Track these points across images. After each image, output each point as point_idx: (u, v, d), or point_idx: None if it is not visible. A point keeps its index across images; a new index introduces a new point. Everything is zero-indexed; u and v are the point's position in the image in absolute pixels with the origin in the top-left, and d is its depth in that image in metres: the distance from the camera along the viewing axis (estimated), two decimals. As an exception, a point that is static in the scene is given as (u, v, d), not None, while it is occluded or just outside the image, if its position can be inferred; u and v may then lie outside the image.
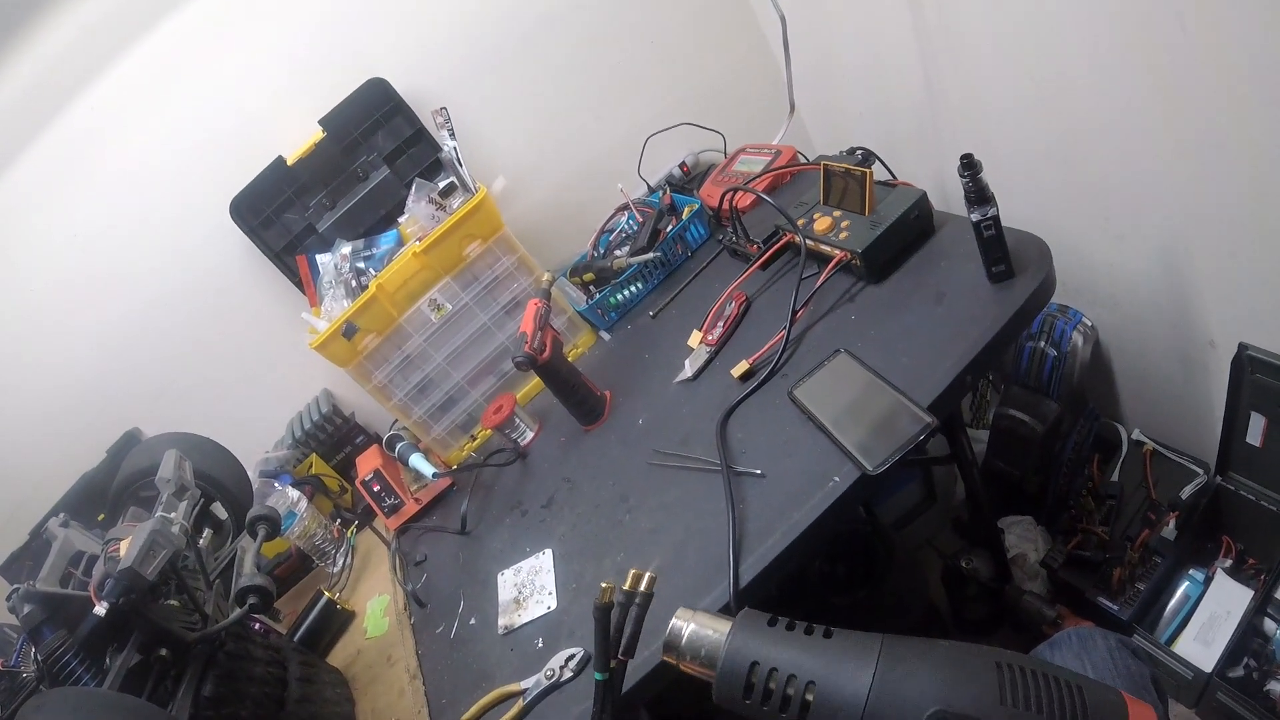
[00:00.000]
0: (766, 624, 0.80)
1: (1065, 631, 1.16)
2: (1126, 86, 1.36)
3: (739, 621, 0.82)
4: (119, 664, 1.23)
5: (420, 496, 1.90)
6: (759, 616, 0.82)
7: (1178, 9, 1.17)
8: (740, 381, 1.51)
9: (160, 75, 1.93)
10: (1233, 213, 1.35)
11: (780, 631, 0.79)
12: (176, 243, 2.05)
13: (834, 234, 1.52)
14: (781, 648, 0.77)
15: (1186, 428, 1.83)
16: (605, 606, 0.96)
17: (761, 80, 2.42)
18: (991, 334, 1.24)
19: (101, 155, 1.95)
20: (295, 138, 2.02)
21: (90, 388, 2.12)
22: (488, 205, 1.83)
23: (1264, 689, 1.53)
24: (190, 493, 1.46)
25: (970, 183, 1.22)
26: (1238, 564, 1.69)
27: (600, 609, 0.96)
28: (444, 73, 2.12)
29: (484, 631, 1.47)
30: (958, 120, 1.84)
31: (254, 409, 2.24)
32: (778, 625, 0.79)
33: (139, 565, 1.19)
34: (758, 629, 0.80)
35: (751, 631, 0.80)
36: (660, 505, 1.42)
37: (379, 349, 1.86)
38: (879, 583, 1.77)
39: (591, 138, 2.34)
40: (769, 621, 0.80)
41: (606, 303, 2.03)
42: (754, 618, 0.82)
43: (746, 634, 0.80)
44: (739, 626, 0.82)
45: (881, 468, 1.15)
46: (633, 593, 0.95)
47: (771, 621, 0.80)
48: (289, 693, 1.42)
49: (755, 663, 0.77)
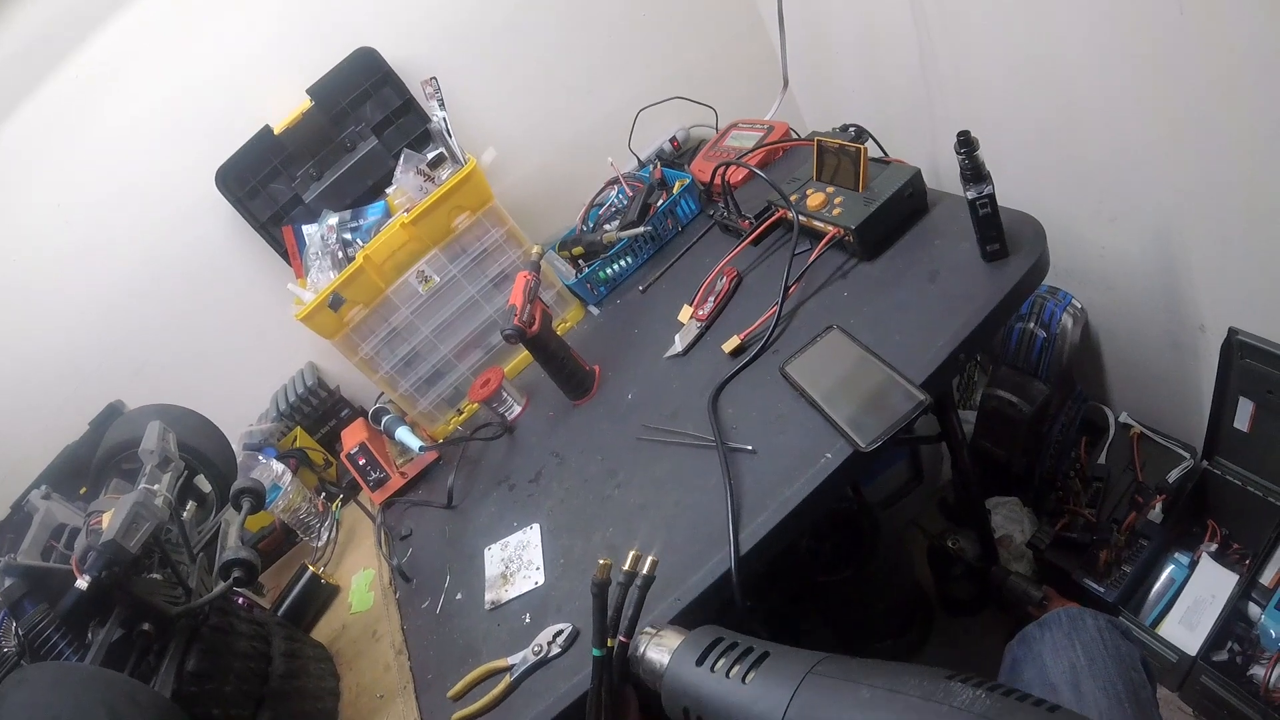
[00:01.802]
0: (696, 661, 0.83)
1: (1055, 611, 1.16)
2: (1122, 67, 1.36)
3: (676, 653, 0.87)
4: (101, 638, 1.21)
5: (406, 470, 1.89)
6: (693, 648, 0.85)
7: (1174, -13, 1.16)
8: (731, 357, 1.50)
9: (146, 43, 1.90)
10: (1225, 198, 1.35)
11: (705, 671, 0.81)
12: (161, 213, 2.02)
13: (827, 210, 1.51)
14: (709, 688, 0.80)
15: (1174, 412, 1.84)
16: (603, 583, 0.96)
17: (754, 55, 2.40)
18: (985, 312, 1.24)
19: (86, 124, 1.92)
20: (283, 107, 1.99)
21: (72, 359, 2.09)
22: (477, 177, 1.81)
23: (1247, 673, 1.54)
24: (174, 465, 1.45)
25: (966, 160, 1.21)
26: (1223, 548, 1.70)
27: (598, 585, 0.95)
28: (434, 43, 2.09)
29: (470, 607, 1.46)
30: (951, 98, 1.83)
31: (238, 382, 2.22)
32: (706, 662, 0.82)
33: (122, 538, 1.17)
34: (686, 665, 0.84)
35: (681, 667, 0.84)
36: (650, 480, 1.41)
37: (365, 321, 1.84)
38: (865, 561, 1.77)
39: (582, 110, 2.32)
40: (699, 658, 0.83)
41: (596, 277, 2.02)
42: (690, 648, 0.85)
43: (678, 669, 0.85)
44: (675, 658, 0.86)
45: (874, 445, 1.14)
46: (633, 573, 0.94)
47: (701, 658, 0.83)
48: (273, 668, 1.41)
49: (685, 708, 0.82)
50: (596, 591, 0.95)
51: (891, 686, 0.68)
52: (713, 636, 0.84)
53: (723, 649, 0.82)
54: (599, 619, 0.95)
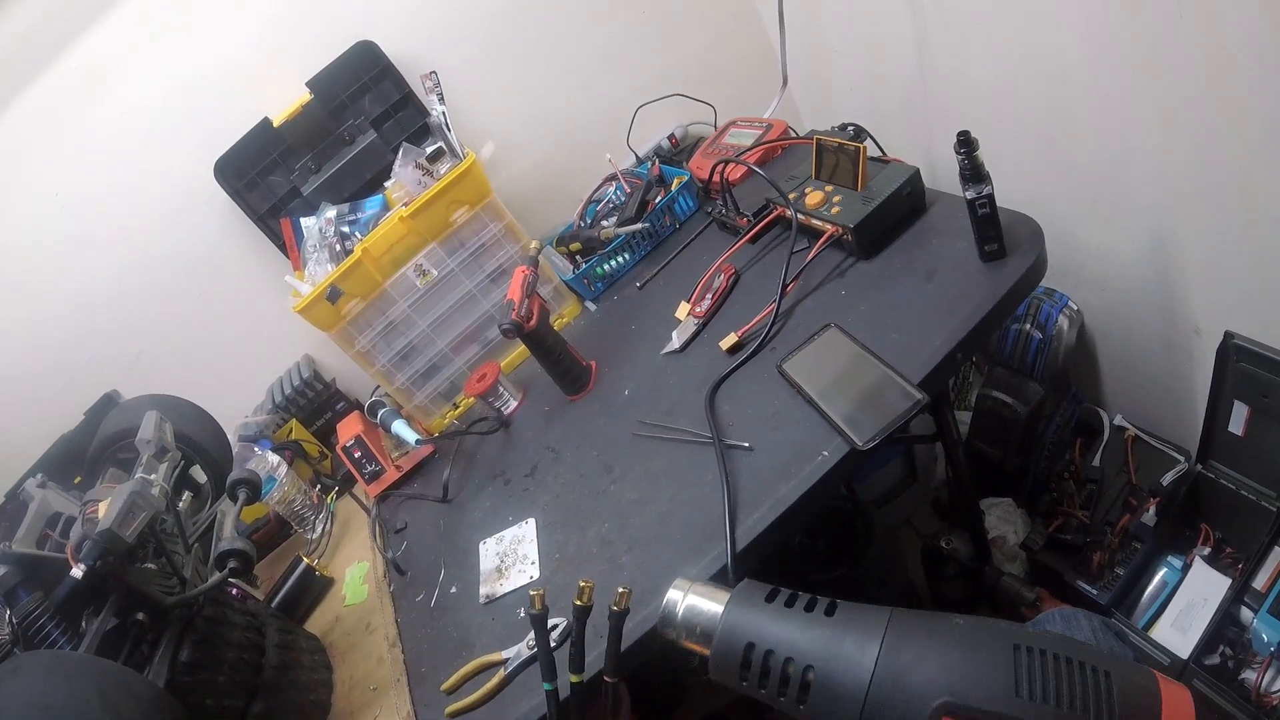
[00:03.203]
0: (765, 599, 0.77)
1: (1050, 612, 1.17)
2: (1119, 67, 1.35)
3: (736, 595, 0.80)
4: (95, 627, 1.21)
5: (401, 464, 1.89)
6: (758, 589, 0.79)
7: (1174, -11, 1.16)
8: (728, 354, 1.51)
9: (146, 34, 1.90)
10: (1222, 200, 1.34)
11: (779, 608, 0.76)
12: (159, 203, 2.02)
13: (826, 209, 1.51)
14: (780, 626, 0.74)
15: (1169, 414, 1.84)
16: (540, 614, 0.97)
17: (753, 53, 2.41)
18: (983, 312, 1.24)
19: (85, 115, 1.92)
20: (282, 99, 1.99)
21: (68, 349, 2.09)
22: (476, 171, 1.81)
23: (1239, 677, 1.54)
24: (171, 455, 1.44)
25: (966, 160, 1.21)
26: (1216, 552, 1.70)
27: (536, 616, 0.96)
28: (434, 37, 2.09)
29: (465, 600, 1.46)
30: (948, 98, 1.83)
31: (234, 373, 2.22)
32: (777, 600, 0.77)
33: (118, 527, 1.17)
34: (755, 604, 0.77)
35: (748, 607, 0.78)
36: (645, 475, 1.41)
37: (363, 314, 1.84)
38: (858, 560, 1.77)
39: (581, 106, 2.32)
40: (768, 596, 0.78)
41: (593, 273, 2.02)
42: (752, 591, 0.79)
43: (743, 610, 0.78)
44: (735, 600, 0.79)
45: (871, 443, 1.14)
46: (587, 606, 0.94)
47: (770, 596, 0.77)
48: (267, 659, 1.41)
49: (751, 644, 0.74)
50: (537, 626, 0.95)
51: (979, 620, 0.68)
52: (769, 586, 0.80)
53: (788, 594, 0.78)
54: (543, 650, 0.95)
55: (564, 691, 1.13)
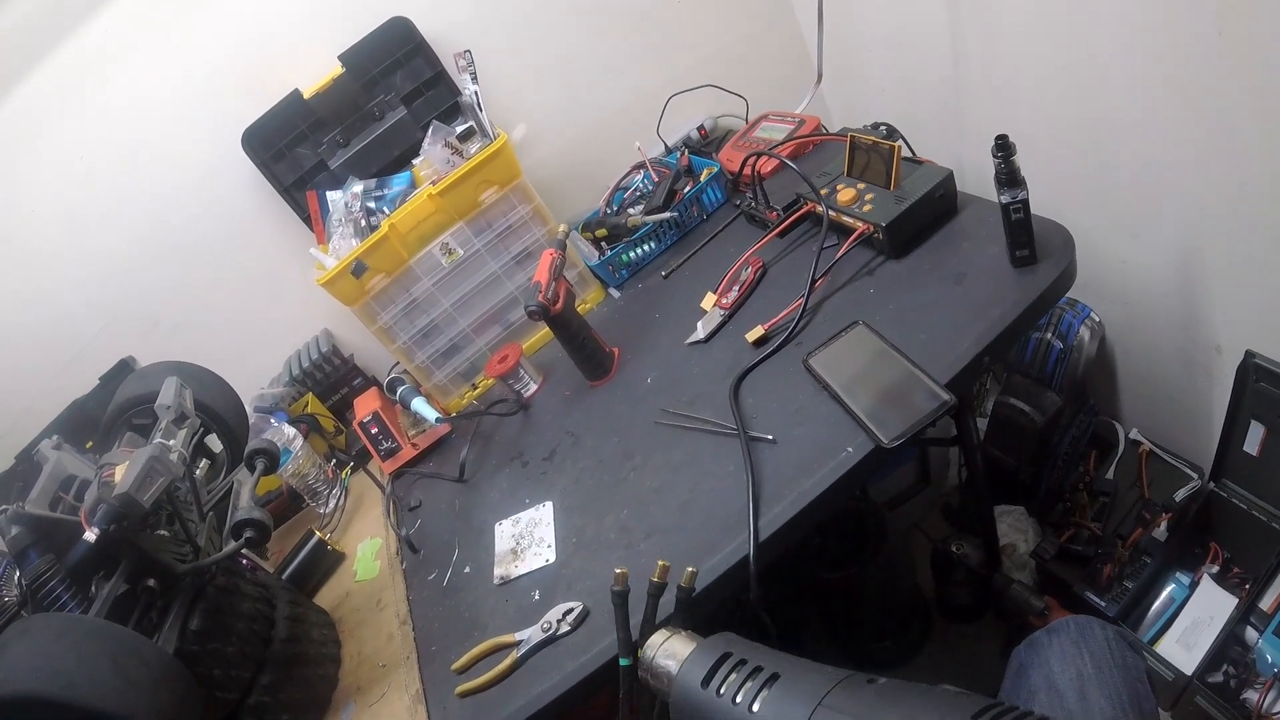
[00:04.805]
0: (701, 683, 0.81)
1: (1064, 619, 1.16)
2: (1155, 83, 1.35)
3: (687, 662, 0.85)
4: (106, 592, 1.21)
5: (418, 442, 1.88)
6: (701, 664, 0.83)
7: (1215, 8, 1.16)
8: (754, 347, 1.50)
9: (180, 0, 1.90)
10: (1251, 219, 1.34)
11: (711, 696, 0.79)
12: (184, 171, 2.01)
13: (857, 206, 1.51)
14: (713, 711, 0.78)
15: (1185, 431, 1.84)
16: (623, 591, 0.96)
17: (788, 47, 2.40)
18: (1012, 317, 1.24)
19: (114, 79, 1.91)
20: (314, 72, 1.98)
21: (85, 314, 2.09)
22: (507, 152, 1.81)
23: (1240, 696, 1.54)
24: (190, 421, 1.43)
25: (1003, 164, 1.21)
26: (1224, 571, 1.70)
27: (618, 594, 0.96)
28: (468, 16, 2.08)
29: (478, 581, 1.46)
30: (981, 103, 1.83)
31: (251, 344, 2.22)
32: (712, 684, 0.80)
33: (135, 491, 1.17)
34: (695, 685, 0.81)
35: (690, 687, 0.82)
36: (665, 464, 1.41)
37: (386, 290, 1.83)
38: (869, 561, 1.77)
39: (613, 93, 2.31)
40: (704, 680, 0.81)
41: (618, 260, 2.01)
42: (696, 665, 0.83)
43: (687, 687, 0.82)
44: (684, 673, 0.84)
45: (897, 441, 1.14)
46: (662, 583, 0.94)
47: (707, 679, 0.81)
48: (276, 631, 1.42)
49: None
50: (618, 602, 0.95)
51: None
52: (722, 650, 0.82)
53: (732, 665, 0.80)
54: (623, 629, 0.95)
55: (576, 677, 1.15)
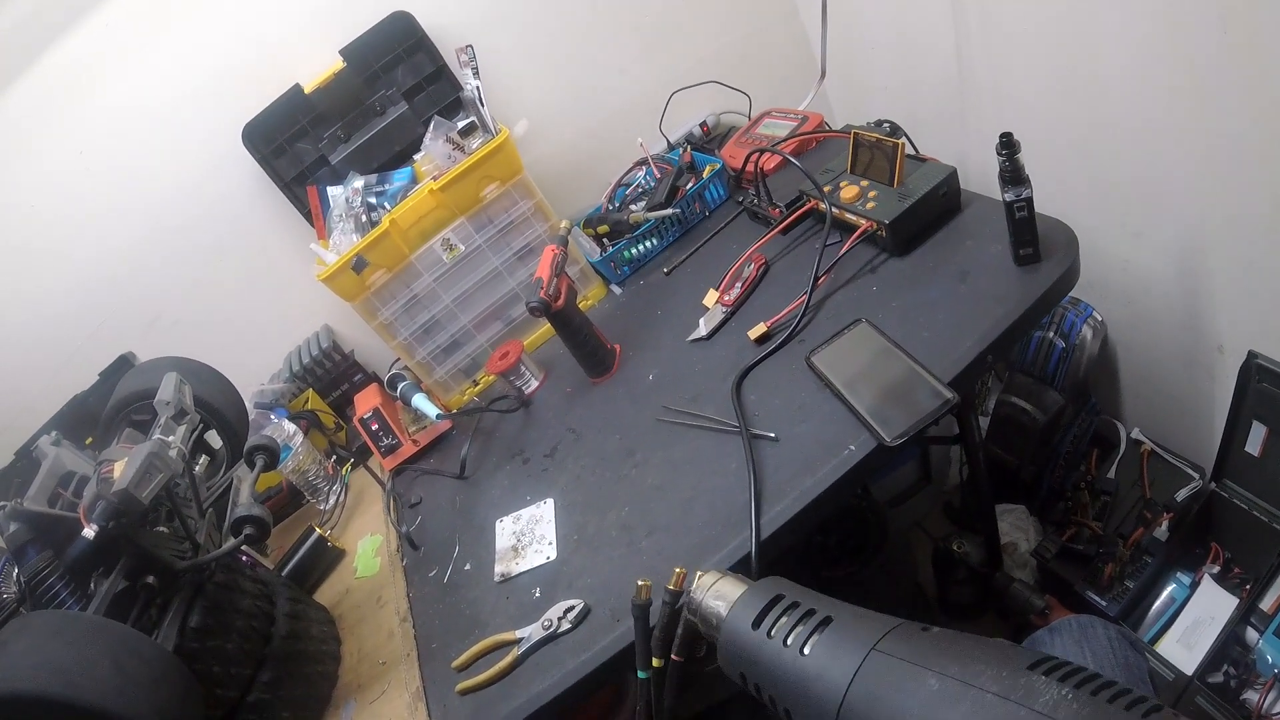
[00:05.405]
0: (752, 625, 0.78)
1: (1067, 619, 1.17)
2: (1159, 83, 1.35)
3: (738, 604, 0.82)
4: (105, 589, 1.20)
5: (419, 438, 1.88)
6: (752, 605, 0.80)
7: (1220, 11, 1.16)
8: (756, 344, 1.50)
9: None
10: (1254, 219, 1.34)
11: (762, 637, 0.76)
12: (184, 167, 2.01)
13: (860, 203, 1.50)
14: (764, 657, 0.76)
15: (1186, 431, 1.84)
16: (644, 604, 0.95)
17: (791, 44, 2.40)
18: (1015, 316, 1.24)
19: (115, 75, 1.90)
20: (314, 67, 1.97)
21: (85, 310, 2.08)
22: (509, 147, 1.80)
23: (1240, 697, 1.54)
24: (189, 417, 1.43)
25: (1007, 161, 1.21)
26: (1224, 571, 1.70)
27: (639, 606, 0.95)
28: (470, 11, 2.07)
29: (479, 578, 1.46)
30: (984, 102, 1.83)
31: (251, 340, 2.21)
32: (762, 627, 0.77)
33: (134, 488, 1.16)
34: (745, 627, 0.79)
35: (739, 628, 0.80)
36: (667, 461, 1.41)
37: (387, 286, 1.83)
38: (870, 559, 1.77)
39: (615, 89, 2.31)
40: (754, 621, 0.78)
41: (620, 256, 2.01)
42: (747, 606, 0.80)
43: (736, 629, 0.80)
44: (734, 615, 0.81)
45: (900, 439, 1.14)
46: (679, 592, 0.93)
47: (757, 620, 0.78)
48: (276, 628, 1.41)
49: (743, 674, 0.78)
50: (638, 614, 0.95)
51: (964, 677, 0.62)
52: (774, 593, 0.80)
53: (783, 608, 0.77)
54: (644, 641, 0.95)
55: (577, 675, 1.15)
